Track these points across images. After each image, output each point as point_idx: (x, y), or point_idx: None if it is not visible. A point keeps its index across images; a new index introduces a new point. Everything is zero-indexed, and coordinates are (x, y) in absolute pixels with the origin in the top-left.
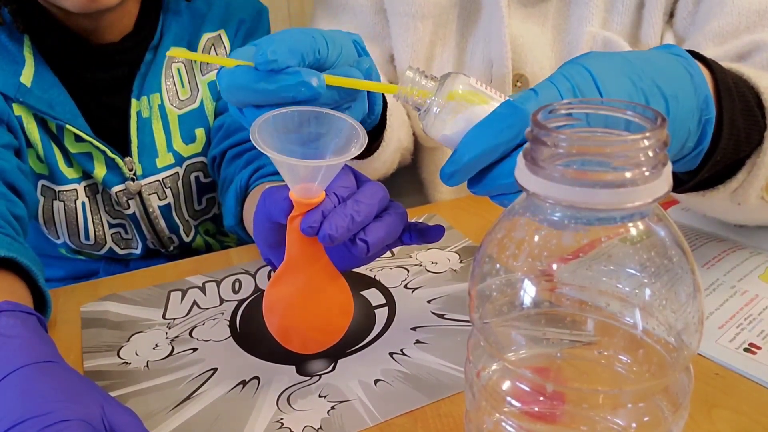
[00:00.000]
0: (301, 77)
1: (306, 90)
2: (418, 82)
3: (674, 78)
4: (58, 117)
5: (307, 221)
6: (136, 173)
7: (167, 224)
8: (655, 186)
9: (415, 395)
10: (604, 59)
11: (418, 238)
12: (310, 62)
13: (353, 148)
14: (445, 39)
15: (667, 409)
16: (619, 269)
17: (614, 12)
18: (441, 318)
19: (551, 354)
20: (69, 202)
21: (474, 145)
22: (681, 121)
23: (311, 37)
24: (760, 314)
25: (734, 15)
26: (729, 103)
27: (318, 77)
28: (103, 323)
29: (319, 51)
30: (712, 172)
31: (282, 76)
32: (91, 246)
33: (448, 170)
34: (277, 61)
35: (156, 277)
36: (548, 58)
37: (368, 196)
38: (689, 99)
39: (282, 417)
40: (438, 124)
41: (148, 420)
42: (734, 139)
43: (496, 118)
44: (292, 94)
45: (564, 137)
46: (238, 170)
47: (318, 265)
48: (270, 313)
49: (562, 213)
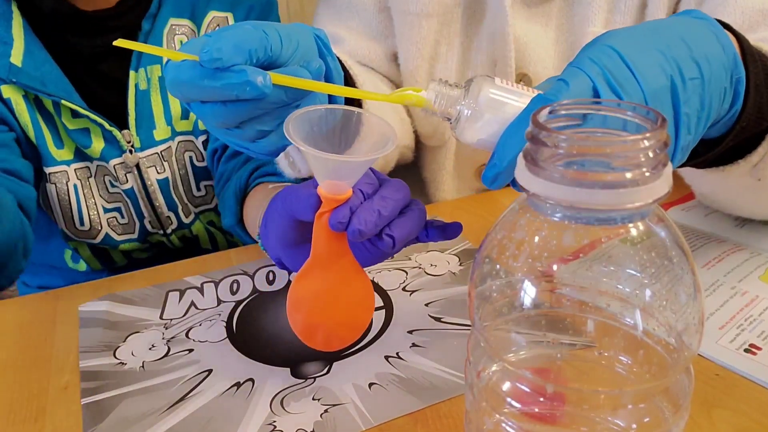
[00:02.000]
0: (246, 76)
1: (251, 89)
2: (445, 93)
3: (701, 40)
4: (53, 93)
5: (336, 217)
6: (134, 145)
7: (166, 200)
8: (655, 187)
9: (409, 399)
10: (627, 35)
11: (437, 235)
12: (260, 59)
13: (388, 144)
14: (449, 38)
15: (667, 409)
16: (619, 270)
17: (617, 12)
18: (438, 321)
19: (551, 355)
20: (60, 185)
21: (512, 145)
22: (716, 81)
23: (263, 33)
24: (761, 315)
25: (737, 14)
26: (754, 67)
27: (264, 76)
28: (100, 323)
29: (271, 48)
30: (735, 142)
31: (227, 74)
32: (87, 232)
33: (491, 174)
34: (222, 59)
35: (155, 278)
36: (551, 58)
37: (393, 192)
38: (719, 58)
39: (275, 419)
40: (471, 130)
41: (140, 421)
42: (757, 105)
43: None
44: (236, 93)
45: (564, 138)
46: (237, 167)
47: (344, 260)
48: (294, 310)
49: (563, 213)
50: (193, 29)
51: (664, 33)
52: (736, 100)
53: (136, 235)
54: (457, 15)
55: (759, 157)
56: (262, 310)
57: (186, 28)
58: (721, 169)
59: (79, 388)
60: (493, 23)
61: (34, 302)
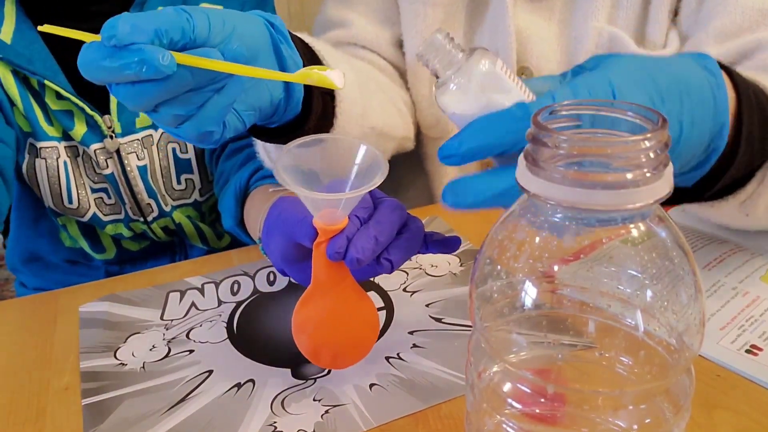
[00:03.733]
0: (143, 55)
1: (148, 69)
2: (446, 48)
3: (697, 102)
4: (38, 72)
5: (333, 247)
6: (114, 131)
7: (146, 187)
8: (656, 187)
9: (410, 400)
10: (629, 70)
11: (436, 249)
12: (175, 41)
13: (375, 176)
14: (453, 28)
15: (668, 410)
16: (620, 270)
17: (620, 8)
18: (439, 322)
19: (552, 355)
20: (51, 160)
21: (476, 137)
22: (689, 147)
23: (185, 15)
24: (762, 316)
25: (737, 14)
26: (749, 119)
27: (163, 55)
28: (100, 324)
29: (193, 30)
30: (723, 186)
31: (124, 53)
32: (75, 210)
33: (446, 152)
34: (117, 37)
35: (155, 278)
36: (554, 52)
37: (388, 214)
38: (705, 124)
39: (275, 420)
40: (451, 99)
41: (140, 422)
42: (748, 155)
43: (505, 117)
44: (134, 71)
45: (565, 138)
46: (236, 167)
47: (344, 284)
48: (300, 332)
49: (563, 214)
50: None
51: (665, 82)
52: (705, 164)
53: (122, 215)
54: (462, 6)
55: (747, 194)
56: (263, 310)
57: None
58: (710, 205)
59: (80, 389)
60: (496, 15)
61: (35, 303)
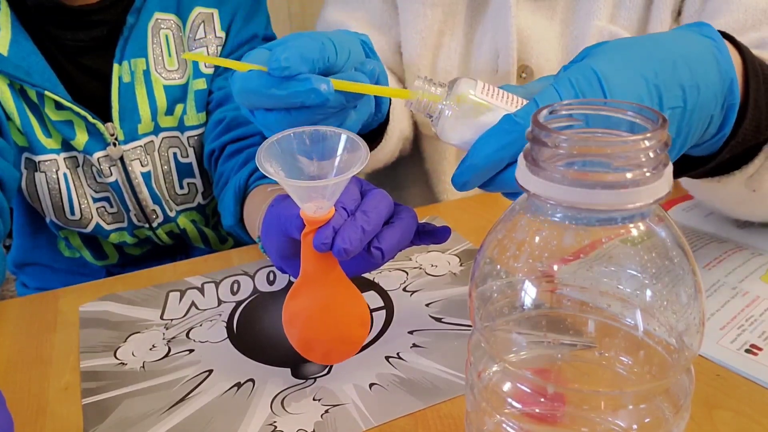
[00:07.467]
0: (311, 84)
1: (315, 96)
2: (428, 90)
3: (699, 64)
4: (37, 84)
5: (320, 238)
6: (117, 138)
7: (150, 193)
8: (656, 187)
9: (410, 400)
10: (616, 55)
11: (427, 240)
12: (320, 68)
13: (356, 164)
14: (453, 28)
15: (668, 410)
16: (620, 270)
17: (622, 7)
18: (439, 322)
19: (552, 355)
20: (50, 173)
21: (479, 158)
22: (702, 108)
23: (321, 43)
24: (762, 315)
25: (741, 12)
26: (755, 85)
27: (327, 83)
28: (100, 323)
29: (328, 58)
30: (730, 155)
31: (293, 82)
32: (77, 222)
33: (459, 180)
34: (290, 68)
35: (155, 278)
36: (555, 51)
37: (374, 204)
38: (713, 85)
39: (275, 420)
40: (449, 131)
41: (140, 422)
42: (755, 122)
43: (497, 133)
44: (302, 100)
45: (565, 138)
46: (236, 168)
47: (333, 277)
48: (290, 326)
49: (563, 214)
50: (179, 24)
51: (659, 54)
52: (725, 125)
53: (125, 224)
54: (462, 6)
55: (755, 168)
56: (263, 310)
57: (171, 23)
58: (716, 180)
59: (80, 389)
60: (497, 14)
61: (35, 302)
